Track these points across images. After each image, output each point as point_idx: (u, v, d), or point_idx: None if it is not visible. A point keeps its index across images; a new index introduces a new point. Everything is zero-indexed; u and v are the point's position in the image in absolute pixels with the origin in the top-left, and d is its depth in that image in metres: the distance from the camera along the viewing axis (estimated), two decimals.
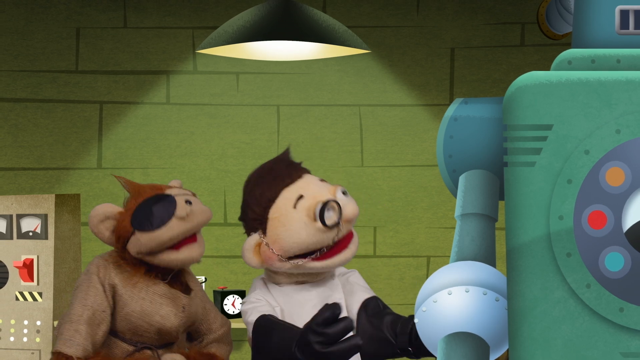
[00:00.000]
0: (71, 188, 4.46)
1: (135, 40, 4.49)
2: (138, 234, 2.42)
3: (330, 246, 2.29)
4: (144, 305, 2.46)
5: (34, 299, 3.32)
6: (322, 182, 2.37)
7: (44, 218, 3.34)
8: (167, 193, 2.51)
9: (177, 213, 2.43)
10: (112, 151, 4.49)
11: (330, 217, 2.25)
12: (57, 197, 3.39)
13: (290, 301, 2.33)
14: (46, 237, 3.34)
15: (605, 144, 1.29)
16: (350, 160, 4.49)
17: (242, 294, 4.24)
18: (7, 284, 3.34)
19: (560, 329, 1.30)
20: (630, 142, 1.28)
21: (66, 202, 3.45)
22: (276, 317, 2.25)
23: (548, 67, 1.45)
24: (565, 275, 1.30)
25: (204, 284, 4.26)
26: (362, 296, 2.32)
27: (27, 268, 3.31)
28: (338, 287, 2.37)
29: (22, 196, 3.40)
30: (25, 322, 3.32)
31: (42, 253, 3.33)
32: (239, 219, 2.40)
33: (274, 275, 2.35)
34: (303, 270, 2.31)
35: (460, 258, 1.54)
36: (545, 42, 4.31)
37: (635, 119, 1.29)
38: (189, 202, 2.48)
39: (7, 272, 3.34)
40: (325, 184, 2.36)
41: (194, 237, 2.50)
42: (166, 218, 2.42)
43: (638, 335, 1.29)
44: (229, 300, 4.20)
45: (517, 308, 1.33)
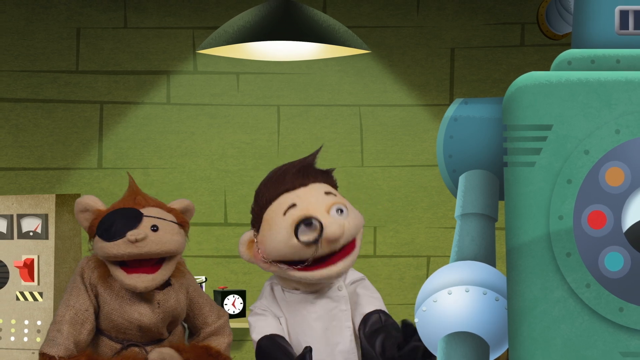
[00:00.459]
0: (72, 188, 4.46)
1: (136, 40, 4.50)
2: (97, 238, 2.47)
3: (311, 261, 2.28)
4: (122, 303, 2.50)
5: (35, 299, 3.32)
6: (326, 195, 2.34)
7: (45, 218, 3.34)
8: (141, 211, 2.51)
9: (128, 235, 2.43)
10: (112, 151, 4.49)
11: (306, 235, 2.25)
12: (58, 197, 3.39)
13: (293, 312, 2.35)
14: (47, 237, 3.34)
15: (604, 144, 1.29)
16: (350, 160, 4.50)
17: (242, 293, 4.24)
18: (7, 284, 3.34)
19: (559, 329, 1.30)
20: (629, 142, 1.28)
21: (67, 202, 3.45)
22: (277, 337, 2.28)
23: (548, 67, 1.45)
24: (565, 275, 1.30)
25: (204, 284, 4.26)
26: (364, 309, 2.32)
27: (28, 268, 3.31)
28: (344, 299, 2.36)
29: (22, 196, 3.40)
30: (26, 322, 3.32)
31: (43, 253, 3.33)
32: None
33: (278, 278, 2.37)
34: (287, 277, 2.31)
35: (460, 258, 1.55)
36: (545, 42, 4.31)
37: (635, 119, 1.29)
38: (154, 228, 2.47)
39: (8, 272, 3.34)
40: (326, 198, 2.33)
41: (154, 268, 2.49)
42: (118, 235, 2.44)
43: (637, 335, 1.29)
44: (229, 300, 4.20)
45: (517, 308, 1.33)
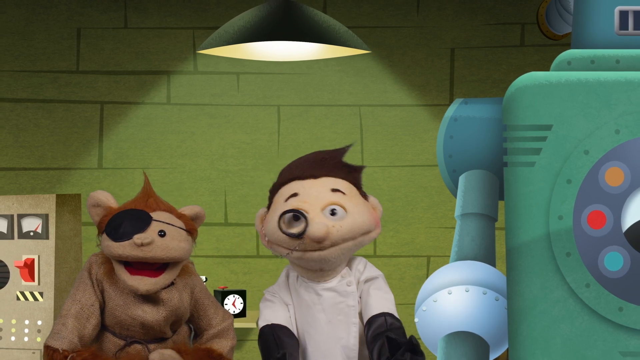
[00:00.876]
0: (72, 188, 4.47)
1: (136, 40, 4.50)
2: (104, 235, 2.48)
3: (294, 252, 2.30)
4: (126, 300, 2.51)
5: (35, 298, 3.32)
6: (332, 192, 2.35)
7: (45, 218, 3.34)
8: (151, 214, 2.53)
9: (135, 238, 2.46)
10: (112, 151, 4.49)
11: (290, 227, 2.28)
12: (58, 197, 3.40)
13: (300, 302, 2.35)
14: (47, 237, 3.34)
15: (604, 144, 1.29)
16: (350, 160, 4.47)
17: (242, 293, 4.24)
18: (8, 284, 3.34)
19: (559, 328, 1.30)
20: (629, 142, 1.29)
21: (67, 202, 3.45)
22: (277, 326, 2.30)
23: (548, 68, 1.45)
24: (564, 274, 1.30)
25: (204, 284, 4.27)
26: (372, 311, 2.31)
27: (28, 268, 3.31)
28: (353, 295, 2.35)
29: (23, 196, 3.40)
30: (26, 322, 3.33)
31: (43, 253, 3.33)
32: None
33: (291, 263, 2.40)
34: (288, 259, 2.34)
35: (460, 258, 1.55)
36: (545, 42, 4.31)
37: (635, 119, 1.29)
38: (161, 233, 2.49)
39: (8, 272, 3.34)
40: (328, 195, 2.33)
41: (157, 272, 2.51)
42: (125, 237, 2.46)
43: (637, 335, 1.29)
44: (230, 300, 4.20)
45: (516, 307, 1.33)
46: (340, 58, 4.42)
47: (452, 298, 1.46)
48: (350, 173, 2.45)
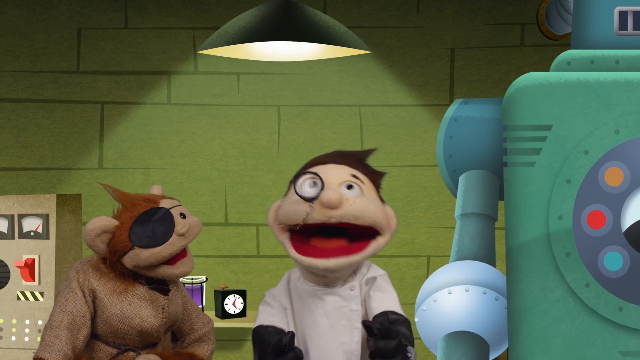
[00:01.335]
0: (72, 188, 4.47)
1: (137, 40, 4.50)
2: (138, 250, 2.44)
3: (301, 225, 2.24)
4: (123, 308, 2.48)
5: (36, 298, 3.33)
6: (351, 176, 2.33)
7: (46, 218, 3.34)
8: (160, 206, 2.52)
9: (178, 230, 2.46)
10: (113, 151, 4.49)
11: (303, 188, 2.24)
12: (59, 197, 3.40)
13: (302, 305, 2.34)
14: (47, 237, 3.34)
15: (604, 144, 1.29)
16: None
17: (242, 293, 4.25)
18: (8, 284, 3.35)
19: (559, 328, 1.30)
20: (629, 142, 1.29)
21: (67, 202, 3.46)
22: (271, 327, 2.28)
23: (548, 68, 1.46)
24: (564, 274, 1.30)
25: (204, 284, 4.27)
26: (374, 311, 2.30)
27: (29, 268, 3.32)
28: (356, 299, 2.33)
29: (23, 196, 3.40)
30: (27, 322, 3.33)
31: (44, 253, 3.34)
32: None
33: (298, 266, 2.37)
34: (291, 257, 2.31)
35: (460, 257, 1.55)
36: (545, 42, 4.31)
37: (634, 120, 1.29)
38: (183, 215, 2.51)
39: (9, 272, 3.35)
40: (347, 176, 2.31)
41: (184, 252, 2.53)
42: (167, 235, 2.45)
43: (637, 334, 1.29)
44: (230, 300, 4.21)
45: (516, 307, 1.33)
46: (341, 58, 4.42)
47: (452, 298, 1.46)
48: (372, 173, 2.44)
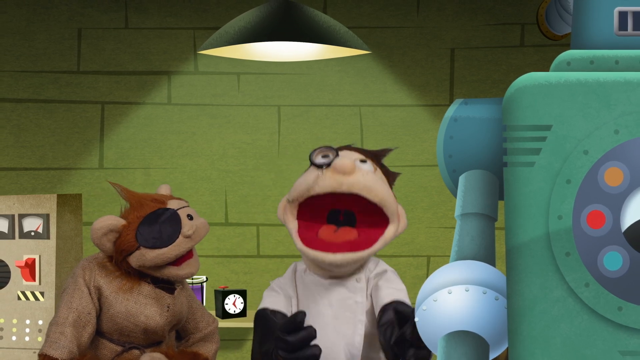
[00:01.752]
0: (73, 188, 4.47)
1: (137, 40, 4.50)
2: (144, 250, 2.45)
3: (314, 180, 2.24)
4: (128, 306, 2.49)
5: (36, 298, 3.33)
6: (362, 162, 2.34)
7: (46, 218, 3.35)
8: (168, 207, 2.52)
9: (184, 232, 2.47)
10: (113, 151, 4.50)
11: (318, 157, 2.26)
12: (59, 197, 3.40)
13: (307, 295, 2.34)
14: (48, 237, 3.35)
15: (604, 144, 1.30)
16: None
17: (242, 293, 4.25)
18: (9, 284, 3.35)
19: (559, 328, 1.30)
20: (628, 143, 1.29)
21: (68, 202, 3.46)
22: (274, 311, 2.27)
23: (548, 68, 1.46)
24: (564, 274, 1.31)
25: (204, 284, 4.27)
26: (382, 301, 2.30)
27: (29, 268, 3.32)
28: (361, 291, 2.34)
29: (24, 196, 3.41)
30: (27, 322, 3.33)
31: (44, 253, 3.34)
32: None
33: (304, 258, 2.36)
34: (298, 249, 2.31)
35: (460, 257, 1.55)
36: (544, 42, 4.32)
37: (634, 120, 1.30)
38: (190, 217, 2.51)
39: (9, 272, 3.35)
40: (359, 157, 2.34)
41: (190, 253, 2.54)
42: (174, 236, 2.46)
43: (636, 334, 1.30)
44: (230, 299, 4.21)
45: (516, 307, 1.33)
46: (341, 58, 4.42)
47: (452, 297, 1.46)
48: (386, 170, 2.45)
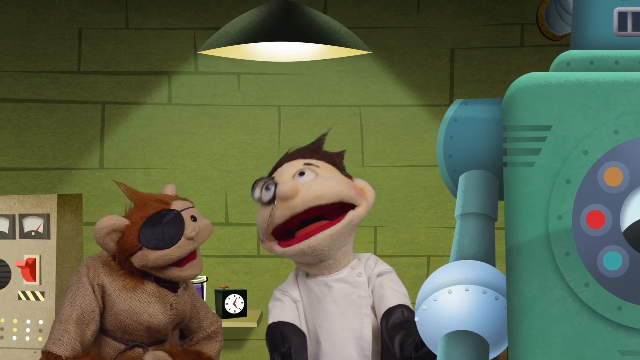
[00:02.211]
0: (73, 188, 4.47)
1: (137, 41, 4.51)
2: (146, 250, 2.45)
3: (271, 227, 2.30)
4: (132, 305, 2.49)
5: (37, 298, 3.33)
6: (305, 165, 2.36)
7: (47, 218, 3.35)
8: (172, 208, 2.52)
9: (187, 233, 2.47)
10: (114, 151, 4.50)
11: (261, 193, 2.30)
12: (60, 197, 3.40)
13: (310, 295, 2.36)
14: (48, 237, 3.35)
15: (603, 144, 1.30)
16: (350, 161, 4.49)
17: (243, 293, 4.25)
18: (9, 284, 3.35)
19: (559, 327, 1.31)
20: (628, 143, 1.29)
21: (68, 202, 3.46)
22: (284, 324, 2.30)
23: (547, 68, 1.46)
24: (564, 274, 1.31)
25: (205, 284, 4.27)
26: (388, 303, 2.31)
27: (30, 267, 3.32)
28: (364, 285, 2.35)
29: (24, 196, 3.41)
30: (28, 322, 3.33)
31: (45, 253, 3.34)
32: None
33: (296, 264, 2.41)
34: (279, 254, 2.37)
35: (460, 257, 1.55)
36: (544, 42, 4.32)
37: (634, 120, 1.30)
38: (193, 218, 2.51)
39: (10, 272, 3.35)
40: (299, 166, 2.35)
41: (194, 254, 2.54)
42: (176, 238, 2.46)
43: (636, 334, 1.30)
44: (230, 299, 4.21)
45: (516, 306, 1.34)
46: (341, 58, 4.43)
47: (452, 297, 1.47)
48: (329, 156, 2.45)
